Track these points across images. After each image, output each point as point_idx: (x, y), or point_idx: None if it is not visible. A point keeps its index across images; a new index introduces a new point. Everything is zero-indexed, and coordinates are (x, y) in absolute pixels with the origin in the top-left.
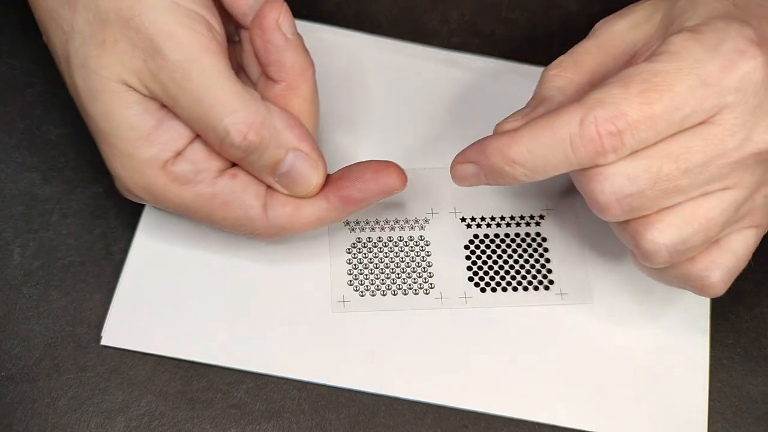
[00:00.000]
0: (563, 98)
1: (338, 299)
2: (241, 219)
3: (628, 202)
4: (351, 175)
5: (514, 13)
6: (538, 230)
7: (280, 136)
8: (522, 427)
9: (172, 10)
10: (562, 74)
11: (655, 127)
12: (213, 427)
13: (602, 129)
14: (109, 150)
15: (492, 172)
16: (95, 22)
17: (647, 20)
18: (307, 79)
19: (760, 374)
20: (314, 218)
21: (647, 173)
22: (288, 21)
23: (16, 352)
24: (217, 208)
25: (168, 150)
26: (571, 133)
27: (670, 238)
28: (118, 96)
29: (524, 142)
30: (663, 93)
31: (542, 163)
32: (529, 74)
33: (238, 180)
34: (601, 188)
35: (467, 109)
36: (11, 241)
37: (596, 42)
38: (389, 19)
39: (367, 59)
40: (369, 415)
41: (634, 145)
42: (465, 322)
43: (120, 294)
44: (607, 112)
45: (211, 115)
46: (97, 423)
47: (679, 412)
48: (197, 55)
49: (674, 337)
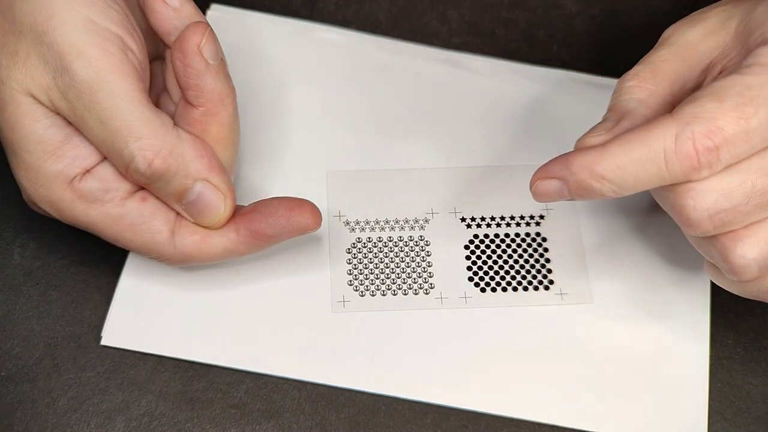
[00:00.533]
0: (648, 111)
1: (338, 299)
2: (147, 243)
3: (721, 217)
4: (264, 210)
5: (514, 13)
6: (538, 230)
7: (189, 166)
8: (522, 427)
9: (87, 29)
10: (642, 85)
11: (750, 141)
12: (213, 427)
13: (699, 144)
14: (15, 161)
15: (578, 188)
16: (9, 31)
17: (722, 27)
18: (226, 106)
19: (760, 374)
20: (221, 249)
21: (741, 188)
22: (210, 45)
23: (16, 352)
24: (123, 230)
25: (75, 166)
26: (666, 149)
27: (760, 252)
28: (26, 108)
29: (614, 158)
30: (759, 107)
31: (632, 180)
32: (529, 74)
33: (148, 204)
34: (693, 204)
35: (467, 109)
36: (11, 241)
37: (671, 50)
38: (389, 19)
39: (367, 59)
40: (369, 415)
41: (729, 160)
42: (465, 322)
43: (120, 294)
44: (704, 126)
45: (117, 138)
46: (97, 423)
47: (679, 412)
48: (107, 77)
49: (674, 337)
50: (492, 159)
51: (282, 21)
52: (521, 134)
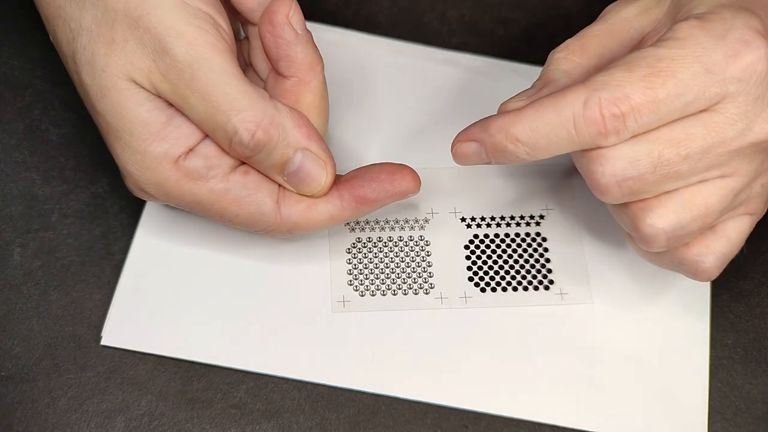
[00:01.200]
0: (568, 81)
1: (338, 299)
2: (253, 215)
3: (628, 185)
4: (366, 175)
5: (514, 13)
6: (538, 230)
7: (289, 135)
8: (522, 427)
9: (180, 10)
10: (569, 57)
11: (657, 112)
12: (213, 427)
13: (606, 111)
14: (120, 147)
15: (494, 150)
16: (103, 20)
17: (656, 5)
18: (317, 74)
19: (760, 374)
20: (327, 216)
21: (648, 157)
22: (298, 16)
23: (16, 352)
24: (229, 204)
25: (180, 146)
26: (575, 114)
27: (669, 223)
28: (128, 93)
29: (528, 121)
30: (667, 78)
31: (545, 142)
32: (530, 74)
33: (251, 176)
34: (602, 170)
35: (467, 109)
36: (11, 241)
37: (604, 26)
38: (389, 19)
39: (367, 59)
40: (369, 415)
41: (636, 129)
42: (465, 322)
43: (120, 294)
44: (611, 94)
45: (219, 114)
46: (97, 423)
47: (679, 412)
48: (205, 54)
49: (674, 336)
50: None
51: None
52: None
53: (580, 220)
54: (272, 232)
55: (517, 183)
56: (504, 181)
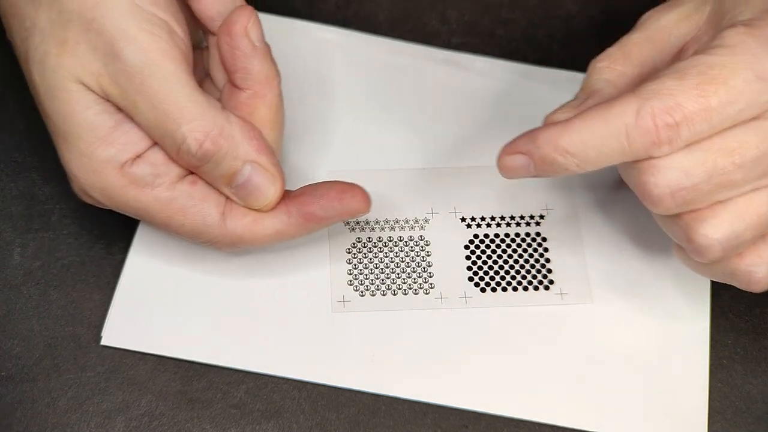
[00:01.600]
0: (614, 91)
1: (338, 299)
2: (198, 226)
3: (682, 195)
4: (315, 193)
5: (514, 13)
6: (538, 230)
7: (238, 148)
8: (522, 427)
9: (134, 14)
10: (612, 66)
11: (710, 120)
12: (213, 427)
13: (659, 120)
14: (66, 149)
15: (543, 162)
16: (57, 20)
17: (696, 12)
18: (273, 88)
19: (760, 374)
20: (273, 231)
21: (702, 167)
22: (256, 28)
23: (16, 352)
24: (174, 214)
25: (127, 152)
26: (627, 124)
27: (723, 233)
28: (76, 96)
29: (577, 132)
30: (719, 86)
31: (595, 154)
32: (530, 74)
33: (198, 187)
34: (655, 181)
35: (467, 110)
36: (11, 241)
37: (645, 34)
38: (389, 19)
39: (367, 59)
40: (369, 415)
41: (689, 138)
42: (465, 322)
43: (120, 294)
44: (664, 103)
45: (168, 121)
46: (97, 423)
47: (679, 412)
48: (157, 61)
49: (674, 336)
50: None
51: (282, 21)
52: None
53: (580, 220)
54: (217, 244)
55: (517, 183)
56: (504, 182)
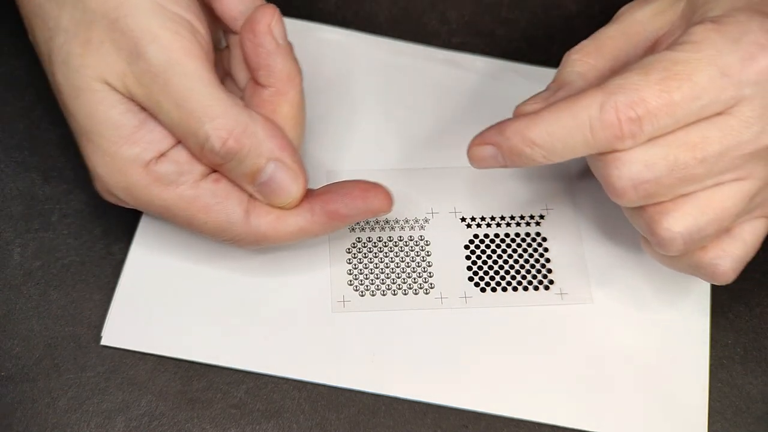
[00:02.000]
0: (584, 83)
1: (338, 299)
2: (222, 224)
3: (645, 188)
4: (340, 191)
5: (514, 13)
6: (538, 230)
7: (261, 145)
8: (522, 427)
9: (157, 14)
10: (584, 59)
11: (673, 115)
12: (213, 427)
13: (622, 114)
14: (90, 148)
15: (511, 153)
16: (81, 20)
17: (670, 8)
18: (295, 86)
19: (760, 374)
20: (297, 229)
21: (664, 161)
22: (280, 27)
23: (16, 352)
24: (198, 212)
25: (151, 150)
26: (591, 117)
27: (685, 226)
28: (101, 95)
29: (544, 124)
30: (683, 81)
31: (561, 146)
32: (529, 74)
33: (222, 184)
34: (618, 173)
35: (467, 109)
36: (11, 241)
37: (619, 28)
38: (389, 19)
39: (367, 59)
40: (369, 415)
41: (652, 132)
42: (465, 322)
43: (120, 294)
44: (628, 97)
45: (191, 120)
46: (97, 423)
47: (679, 412)
48: (180, 60)
49: (674, 336)
50: None
51: None
52: None
53: (580, 220)
54: (240, 242)
55: (517, 183)
56: (504, 181)
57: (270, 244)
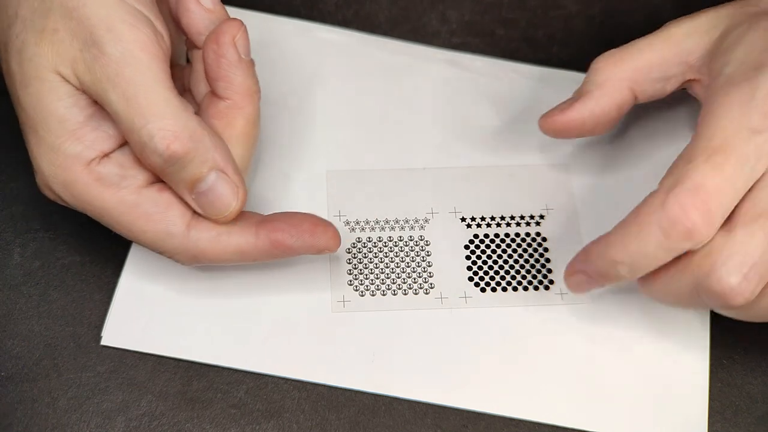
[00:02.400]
0: (599, 93)
1: (338, 299)
2: (161, 234)
3: (756, 272)
4: (289, 221)
5: (514, 13)
6: (538, 230)
7: (206, 153)
8: (522, 427)
9: (117, 6)
10: (604, 68)
11: (733, 186)
12: (213, 427)
13: (686, 205)
14: (34, 140)
15: (599, 276)
16: (39, 9)
17: (706, 32)
18: (253, 102)
19: (760, 374)
20: (237, 250)
21: (754, 238)
22: (244, 41)
23: (16, 352)
24: (137, 219)
25: (94, 149)
26: (659, 220)
27: None
28: (50, 85)
29: (619, 241)
30: (726, 153)
31: (641, 257)
32: (529, 74)
33: (165, 195)
34: (724, 275)
35: (467, 109)
36: (11, 241)
37: (651, 40)
38: (389, 19)
39: (367, 59)
40: (369, 415)
41: (722, 212)
42: (465, 322)
43: (120, 294)
44: (685, 187)
45: (138, 116)
46: (97, 423)
47: (679, 412)
48: (135, 53)
49: (674, 336)
50: (492, 159)
51: (282, 21)
52: (521, 134)
53: (580, 220)
54: (178, 255)
55: (517, 183)
56: (504, 181)
57: (208, 262)
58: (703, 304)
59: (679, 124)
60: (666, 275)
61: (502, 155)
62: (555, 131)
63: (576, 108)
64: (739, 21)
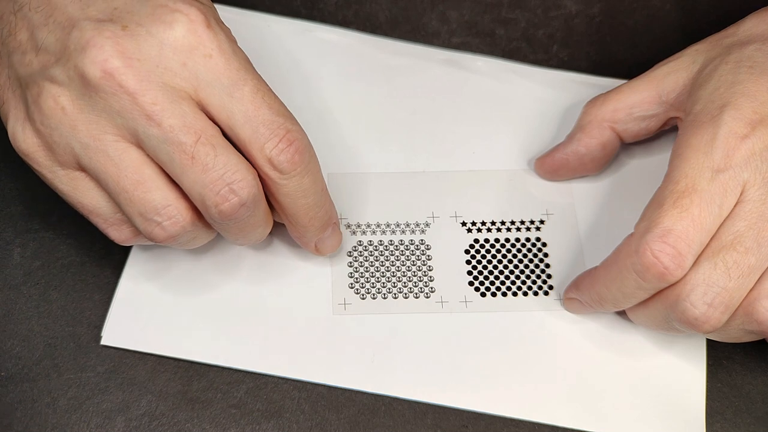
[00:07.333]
0: (581, 135)
1: (339, 302)
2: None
3: (720, 301)
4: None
5: (514, 13)
6: (538, 235)
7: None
8: (522, 427)
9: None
10: (589, 110)
11: (701, 228)
12: (213, 427)
13: (657, 251)
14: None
15: (591, 303)
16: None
17: (686, 68)
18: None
19: (760, 374)
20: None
21: (716, 270)
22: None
23: (16, 352)
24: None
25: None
26: (633, 264)
27: None
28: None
29: (601, 279)
30: (691, 195)
31: (621, 295)
32: (529, 74)
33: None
34: (689, 305)
35: (467, 110)
36: (11, 241)
37: (635, 81)
38: (389, 19)
39: (367, 59)
40: (369, 415)
41: (692, 252)
42: (465, 326)
43: (120, 294)
44: (654, 233)
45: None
46: (97, 423)
47: (679, 412)
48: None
49: (672, 337)
50: (492, 161)
51: (282, 21)
52: (521, 135)
53: (580, 225)
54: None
55: (517, 188)
56: (504, 186)
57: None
58: (679, 331)
59: (677, 132)
60: (645, 306)
61: (502, 157)
62: (547, 172)
63: (561, 150)
64: (715, 54)
